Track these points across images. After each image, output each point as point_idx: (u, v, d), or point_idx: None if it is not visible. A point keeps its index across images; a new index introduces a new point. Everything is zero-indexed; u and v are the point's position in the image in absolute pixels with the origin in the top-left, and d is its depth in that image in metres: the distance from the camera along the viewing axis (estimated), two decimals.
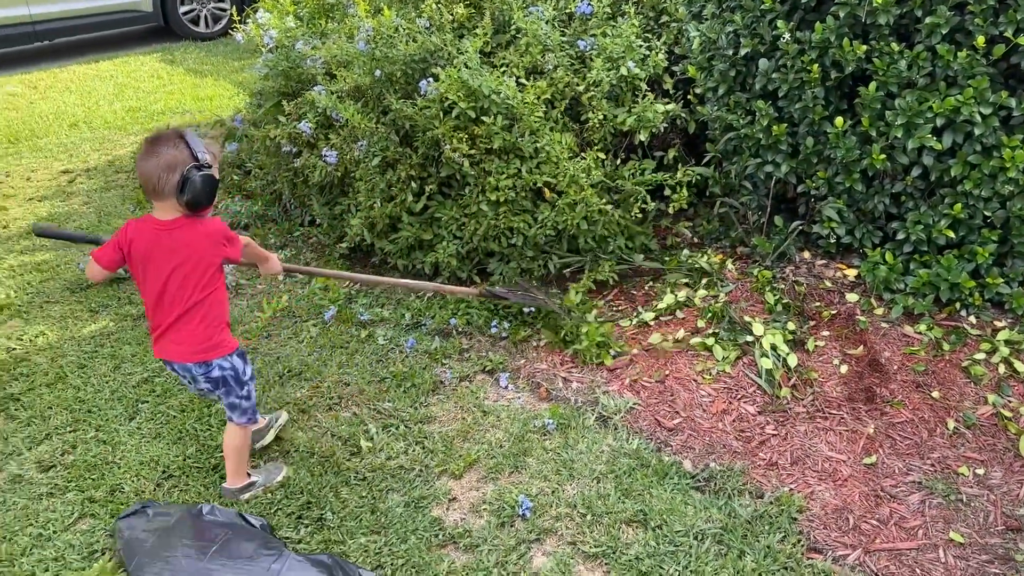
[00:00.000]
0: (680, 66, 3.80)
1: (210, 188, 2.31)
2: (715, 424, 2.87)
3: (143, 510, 2.51)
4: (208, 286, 2.41)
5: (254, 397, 2.62)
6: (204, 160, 2.29)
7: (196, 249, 2.37)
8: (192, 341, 2.43)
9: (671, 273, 3.60)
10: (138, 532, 2.41)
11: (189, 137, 2.30)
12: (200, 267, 2.38)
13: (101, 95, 7.66)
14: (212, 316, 2.44)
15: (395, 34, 3.70)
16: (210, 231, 2.40)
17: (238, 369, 2.54)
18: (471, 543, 2.43)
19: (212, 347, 2.46)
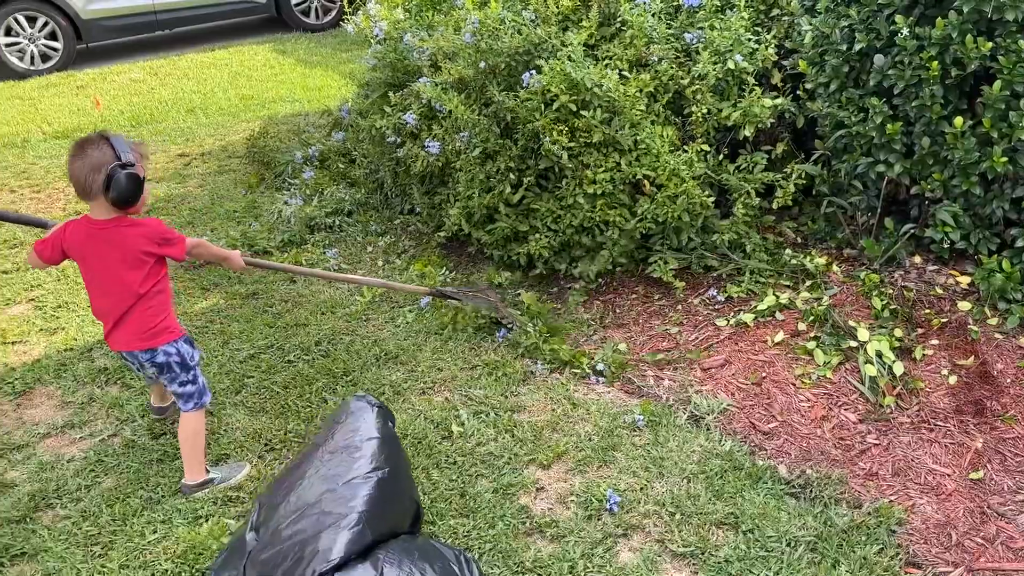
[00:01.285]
0: (790, 60, 3.69)
1: (134, 185, 2.41)
2: (813, 430, 2.79)
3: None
4: (147, 282, 2.54)
5: (201, 382, 2.73)
6: (127, 159, 2.39)
7: (131, 249, 2.50)
8: (136, 329, 2.57)
9: (772, 273, 3.52)
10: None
11: (113, 139, 2.41)
12: (137, 265, 2.52)
13: (216, 83, 8.01)
14: (155, 305, 2.58)
15: (501, 26, 3.73)
16: (146, 232, 2.52)
17: (184, 354, 2.66)
18: (557, 533, 2.44)
19: (156, 333, 2.60)
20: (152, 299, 2.58)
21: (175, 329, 2.66)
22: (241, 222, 4.73)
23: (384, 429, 2.39)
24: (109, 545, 2.52)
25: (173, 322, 2.66)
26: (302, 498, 2.11)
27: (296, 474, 2.24)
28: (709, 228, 3.59)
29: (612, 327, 3.50)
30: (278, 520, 2.08)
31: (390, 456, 2.31)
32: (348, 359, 3.37)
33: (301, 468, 2.25)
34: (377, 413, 2.45)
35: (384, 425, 2.42)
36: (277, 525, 2.06)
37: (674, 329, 3.39)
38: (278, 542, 2.00)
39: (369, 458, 2.23)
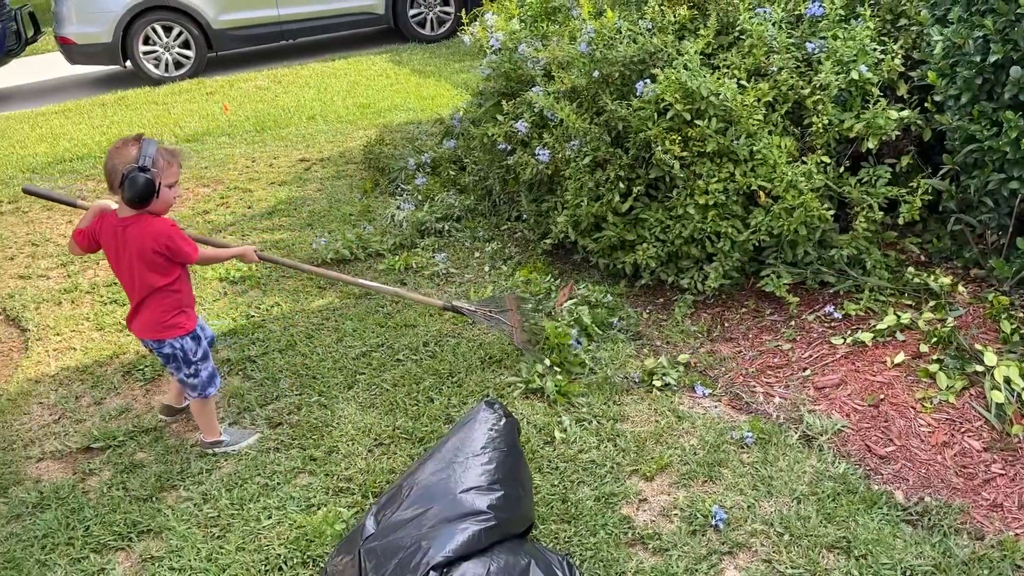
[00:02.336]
0: (918, 71, 3.55)
1: (144, 188, 2.56)
2: (933, 456, 2.66)
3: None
4: (162, 278, 2.73)
5: (204, 375, 2.91)
6: (145, 163, 2.55)
7: (142, 247, 2.67)
8: (148, 321, 2.80)
9: (893, 292, 3.38)
10: None
11: (144, 143, 2.59)
12: (148, 262, 2.69)
13: (335, 91, 8.32)
14: (168, 302, 2.78)
15: (616, 36, 3.74)
16: (154, 232, 2.67)
17: (187, 350, 2.85)
18: (660, 546, 2.42)
19: (164, 328, 2.81)
20: (165, 296, 2.78)
21: (183, 326, 2.84)
22: (356, 225, 4.90)
23: (510, 439, 2.41)
24: (227, 527, 2.65)
25: (184, 319, 2.84)
26: (424, 495, 2.16)
27: (421, 471, 2.28)
28: (827, 242, 3.48)
29: (720, 340, 3.44)
30: (399, 512, 2.13)
31: (514, 467, 2.33)
32: (454, 361, 3.44)
33: (426, 466, 2.29)
34: (505, 423, 2.46)
35: (510, 434, 2.43)
36: (397, 517, 2.12)
37: (786, 345, 3.30)
38: (395, 533, 2.06)
39: (493, 466, 2.26)
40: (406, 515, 2.11)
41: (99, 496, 2.86)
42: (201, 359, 2.91)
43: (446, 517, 2.06)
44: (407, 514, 2.11)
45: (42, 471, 3.05)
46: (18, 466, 3.08)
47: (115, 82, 9.99)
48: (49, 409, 3.43)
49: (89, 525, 2.72)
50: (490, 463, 2.27)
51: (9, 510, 2.84)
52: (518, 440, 2.50)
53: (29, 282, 4.65)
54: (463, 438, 2.36)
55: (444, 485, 2.18)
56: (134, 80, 9.63)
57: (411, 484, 2.23)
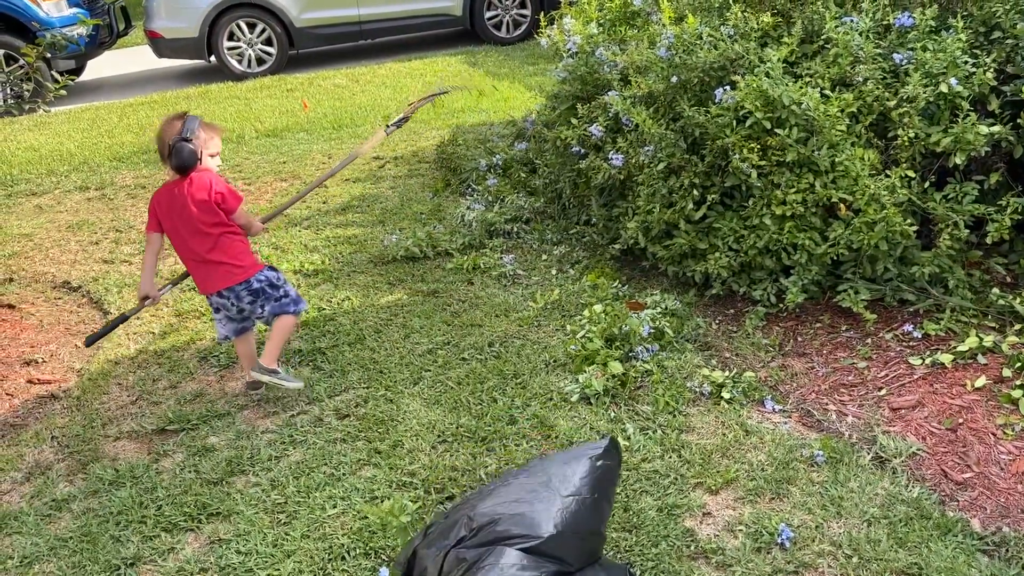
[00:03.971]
0: (1011, 86, 3.41)
1: (187, 157, 2.95)
2: (1014, 485, 2.55)
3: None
4: (217, 226, 3.05)
5: (293, 292, 3.25)
6: (187, 135, 2.94)
7: (197, 197, 3.01)
8: (227, 270, 3.09)
9: (976, 313, 3.26)
10: None
11: (188, 119, 2.98)
12: (207, 210, 3.02)
13: (411, 91, 8.43)
14: (238, 246, 3.11)
15: (697, 41, 3.69)
16: (201, 180, 3.02)
17: (271, 279, 3.18)
18: (723, 561, 2.38)
19: (240, 270, 3.11)
20: (232, 242, 3.10)
21: (257, 264, 3.18)
22: (426, 224, 4.95)
23: (612, 482, 2.32)
24: (293, 515, 2.71)
25: (253, 259, 3.18)
26: (497, 507, 2.14)
27: (502, 483, 2.25)
28: (908, 259, 3.37)
29: (792, 355, 3.37)
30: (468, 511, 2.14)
31: (602, 516, 2.23)
32: (518, 362, 3.44)
33: (509, 481, 2.24)
34: (615, 465, 2.35)
35: (614, 477, 2.34)
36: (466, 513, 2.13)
37: (861, 363, 3.22)
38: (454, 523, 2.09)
39: (588, 515, 2.15)
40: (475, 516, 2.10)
41: (172, 477, 2.96)
42: (283, 282, 3.25)
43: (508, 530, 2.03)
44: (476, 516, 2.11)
45: (119, 450, 3.16)
46: (97, 444, 3.20)
47: (199, 76, 10.33)
48: (128, 390, 3.56)
49: (161, 505, 2.81)
50: (588, 511, 2.13)
51: (87, 486, 2.96)
52: (616, 484, 2.41)
53: (112, 267, 4.84)
54: (571, 468, 2.22)
55: (534, 512, 2.08)
56: (218, 75, 9.94)
57: (488, 492, 2.21)
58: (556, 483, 2.11)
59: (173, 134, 2.96)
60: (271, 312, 3.21)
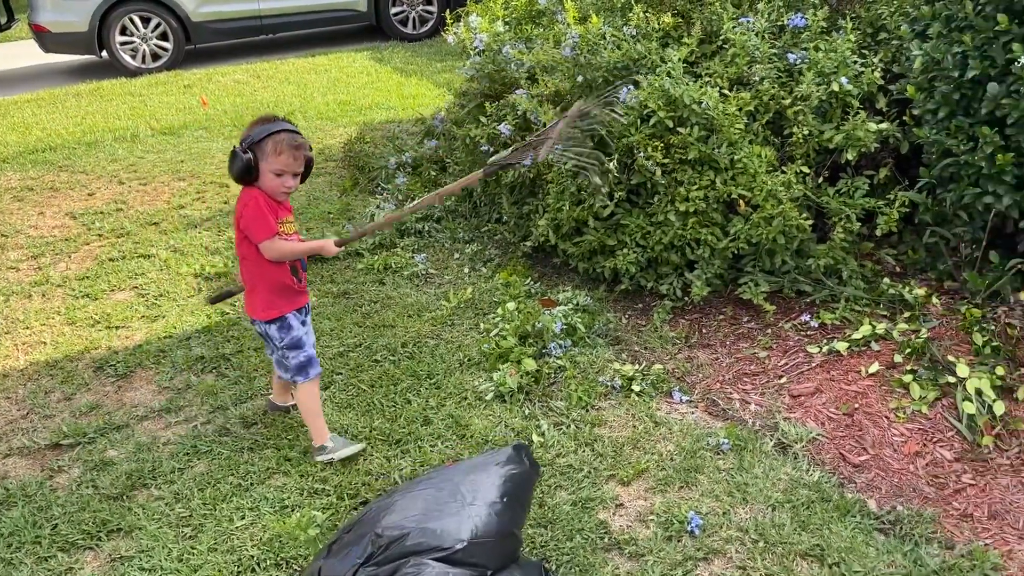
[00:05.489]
0: (897, 85, 3.59)
1: (237, 168, 2.59)
2: (906, 466, 2.70)
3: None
4: (246, 251, 2.71)
5: (293, 361, 2.82)
6: (247, 144, 2.57)
7: (236, 211, 2.69)
8: (249, 296, 2.81)
9: (869, 302, 3.42)
10: None
11: (261, 125, 2.60)
12: (237, 232, 2.70)
13: (315, 87, 8.26)
14: (255, 279, 2.76)
15: (601, 41, 3.74)
16: (242, 199, 2.66)
17: (271, 336, 2.81)
18: (636, 551, 2.42)
19: (251, 308, 2.82)
20: (256, 273, 2.74)
21: (269, 311, 2.77)
22: (335, 224, 4.86)
23: (526, 488, 2.31)
24: (199, 528, 2.62)
25: (272, 304, 2.77)
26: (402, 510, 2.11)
27: (404, 495, 2.21)
28: (804, 252, 3.51)
29: (698, 347, 3.46)
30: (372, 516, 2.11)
31: (517, 521, 2.22)
32: (432, 362, 3.42)
33: (423, 493, 2.20)
34: (529, 471, 2.34)
35: (528, 484, 2.33)
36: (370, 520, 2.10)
37: (763, 353, 3.33)
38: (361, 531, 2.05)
39: (496, 519, 2.11)
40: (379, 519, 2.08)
41: (68, 494, 2.81)
42: (288, 347, 2.82)
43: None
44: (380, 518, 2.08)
45: (9, 468, 2.99)
46: None
47: (91, 72, 9.85)
48: (17, 404, 3.37)
49: (57, 523, 2.67)
50: (500, 516, 2.11)
51: None
52: (532, 490, 2.40)
53: None
54: (478, 477, 2.21)
55: (442, 523, 2.06)
56: (110, 70, 9.50)
57: (396, 497, 2.19)
58: (464, 492, 2.10)
59: (242, 137, 2.61)
60: (277, 362, 2.93)
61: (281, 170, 2.61)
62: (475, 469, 2.20)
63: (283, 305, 2.79)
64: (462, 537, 1.96)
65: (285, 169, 2.61)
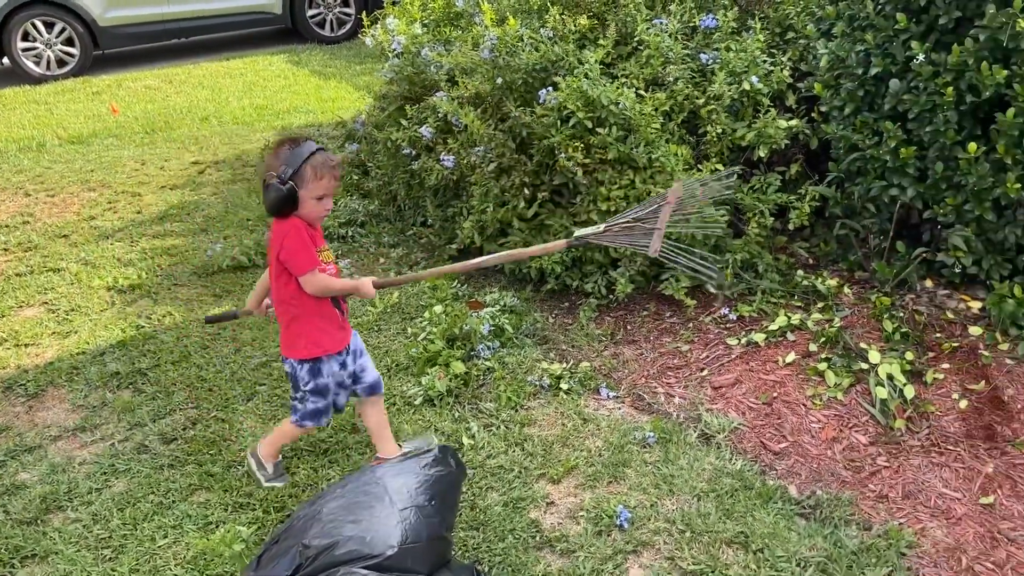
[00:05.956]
0: (805, 83, 3.72)
1: (276, 201, 2.37)
2: (824, 451, 2.79)
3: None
4: (283, 288, 2.50)
5: (310, 406, 2.63)
6: (284, 175, 2.34)
7: (272, 243, 2.48)
8: (286, 333, 2.59)
9: (784, 294, 3.53)
10: None
11: (296, 148, 2.38)
12: (274, 263, 2.48)
13: (231, 92, 8.07)
14: (291, 316, 2.54)
15: (519, 43, 3.77)
16: (281, 226, 2.44)
17: (298, 378, 2.60)
18: (567, 548, 2.45)
19: (286, 345, 2.60)
20: (294, 311, 2.53)
21: (301, 351, 2.57)
22: (254, 230, 4.76)
23: (453, 488, 2.31)
24: (120, 549, 2.53)
25: (305, 343, 2.56)
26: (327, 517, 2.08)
27: (328, 503, 2.19)
28: (722, 247, 3.60)
29: (623, 343, 3.51)
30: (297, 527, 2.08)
31: (445, 523, 2.22)
32: None
33: (336, 499, 2.18)
34: (455, 472, 2.34)
35: (456, 484, 2.33)
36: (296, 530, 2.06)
37: (685, 347, 3.40)
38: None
39: (425, 520, 2.11)
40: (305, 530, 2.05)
41: None
42: (311, 391, 2.62)
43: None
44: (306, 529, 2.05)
45: None
46: None
47: None
48: None
49: None
50: (428, 519, 2.11)
51: None
52: (459, 491, 2.41)
53: None
54: (405, 480, 2.20)
55: (369, 528, 2.05)
56: (12, 78, 9.08)
57: (320, 506, 2.16)
58: (392, 497, 2.08)
59: (274, 167, 2.37)
60: (293, 404, 2.71)
61: (323, 194, 2.45)
62: (402, 472, 2.19)
63: (327, 344, 2.58)
64: (392, 543, 1.95)
65: (326, 192, 2.46)
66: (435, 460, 2.25)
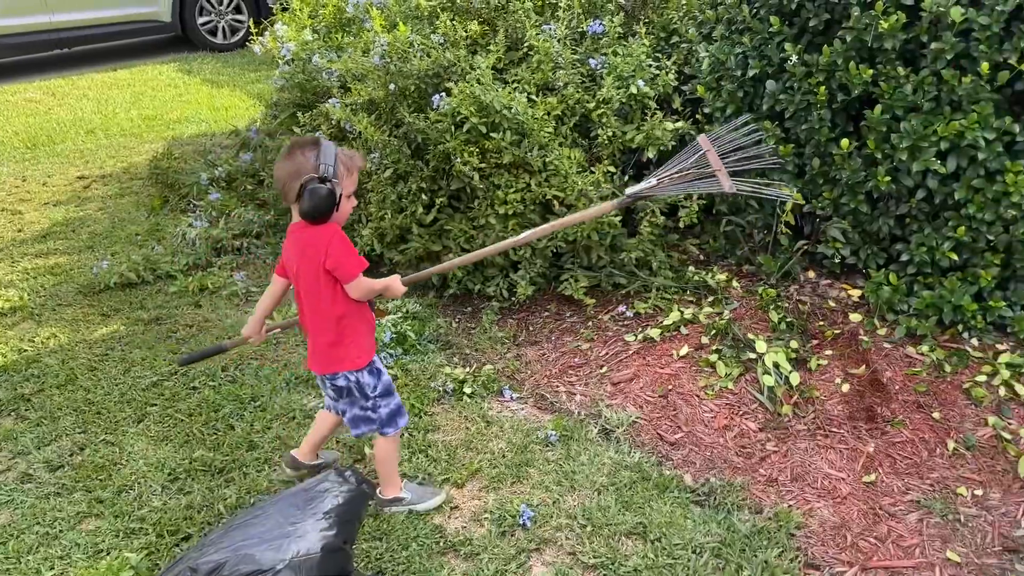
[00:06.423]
0: (689, 86, 3.85)
1: (324, 203, 2.24)
2: (717, 439, 2.89)
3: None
4: (328, 300, 2.37)
5: (384, 410, 2.53)
6: (327, 173, 2.23)
7: (310, 255, 2.33)
8: (318, 351, 2.45)
9: (677, 290, 3.64)
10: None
11: (323, 147, 2.27)
12: (313, 275, 2.34)
13: (118, 103, 7.76)
14: (339, 329, 2.41)
15: (410, 49, 3.76)
16: (319, 233, 2.31)
17: (363, 384, 2.48)
18: (471, 551, 2.45)
19: (333, 361, 2.44)
20: (341, 320, 2.41)
21: (358, 358, 2.46)
22: (143, 246, 4.59)
23: (354, 511, 2.27)
24: None
25: (359, 349, 2.45)
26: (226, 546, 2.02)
27: (227, 530, 2.13)
28: (618, 247, 3.68)
29: (525, 345, 3.55)
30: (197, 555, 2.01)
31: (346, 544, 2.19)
32: (257, 384, 3.31)
33: (250, 528, 2.11)
34: (356, 494, 2.30)
35: (357, 506, 2.29)
36: None
37: (585, 345, 3.47)
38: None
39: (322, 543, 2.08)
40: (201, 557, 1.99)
41: None
42: (381, 395, 2.52)
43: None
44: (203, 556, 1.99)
45: None
46: None
47: None
48: None
49: None
50: (325, 534, 2.08)
51: None
52: (362, 507, 2.37)
53: None
54: (303, 503, 2.15)
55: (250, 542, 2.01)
56: None
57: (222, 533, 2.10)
58: (284, 516, 2.05)
59: (306, 169, 2.23)
60: (350, 421, 2.56)
61: (352, 191, 2.37)
62: (299, 496, 2.16)
63: (371, 348, 2.50)
64: (283, 556, 1.91)
65: (353, 190, 2.38)
66: (334, 482, 2.23)
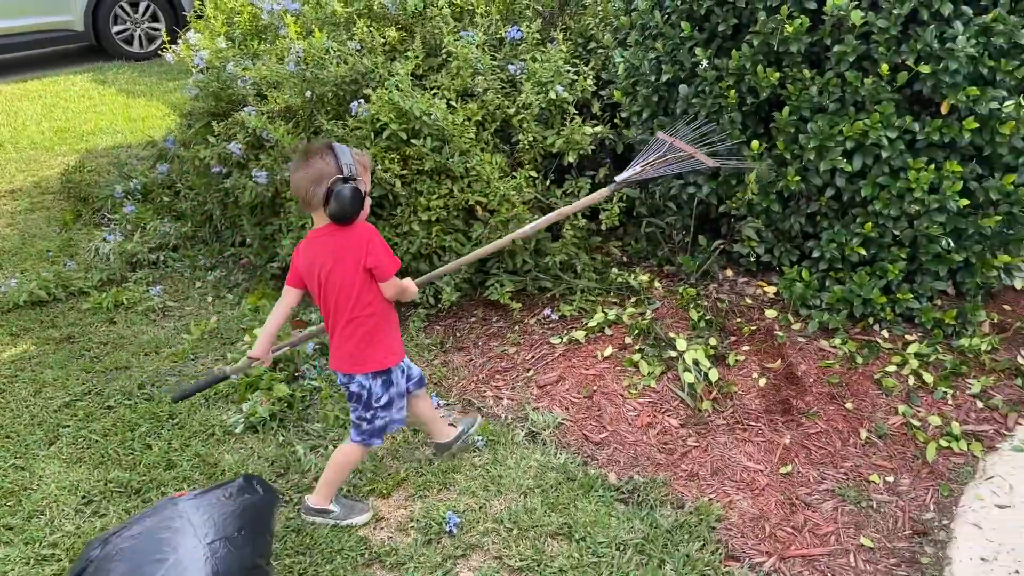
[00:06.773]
0: (607, 91, 3.90)
1: (355, 201, 2.28)
2: (640, 437, 2.94)
3: None
4: (362, 299, 2.39)
5: (380, 423, 2.54)
6: (350, 172, 2.28)
7: (343, 256, 2.35)
8: (342, 349, 2.46)
9: (601, 292, 3.69)
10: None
11: (338, 149, 2.30)
12: (349, 275, 2.36)
13: (28, 115, 7.47)
14: (367, 329, 2.43)
15: (326, 56, 3.72)
16: (356, 234, 2.35)
17: (372, 393, 2.49)
18: (397, 561, 2.44)
19: (358, 362, 2.45)
20: (369, 323, 2.41)
21: (377, 362, 2.46)
22: (55, 262, 4.43)
23: (263, 517, 2.24)
24: None
25: (381, 355, 2.46)
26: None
27: (127, 540, 2.06)
28: (542, 250, 3.71)
29: (452, 351, 3.54)
30: None
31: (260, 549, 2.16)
32: None
33: (133, 536, 2.06)
34: (261, 499, 2.27)
35: (266, 512, 2.26)
36: None
37: (512, 349, 3.48)
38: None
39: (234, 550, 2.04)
40: None
41: None
42: (384, 405, 2.51)
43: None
44: None
45: None
46: None
47: None
48: None
49: None
50: (239, 549, 2.04)
51: None
52: (273, 517, 2.34)
53: None
54: (210, 511, 2.11)
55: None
56: None
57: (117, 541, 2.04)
58: (196, 530, 2.00)
59: (328, 172, 2.25)
60: (354, 422, 2.56)
61: (369, 190, 2.39)
62: (204, 503, 2.10)
63: (400, 349, 2.53)
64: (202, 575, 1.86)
65: (368, 188, 2.40)
66: (240, 489, 2.19)
